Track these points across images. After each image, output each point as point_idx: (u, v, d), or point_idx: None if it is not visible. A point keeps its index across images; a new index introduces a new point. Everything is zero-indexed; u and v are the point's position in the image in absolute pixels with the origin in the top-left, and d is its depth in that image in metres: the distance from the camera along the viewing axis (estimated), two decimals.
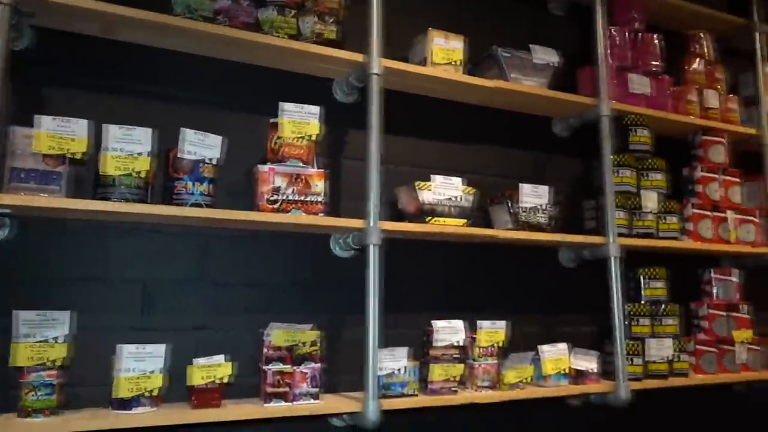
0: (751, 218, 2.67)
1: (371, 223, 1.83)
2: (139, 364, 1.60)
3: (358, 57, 1.94)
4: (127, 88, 1.84)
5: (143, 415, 1.57)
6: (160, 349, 1.63)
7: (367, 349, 1.77)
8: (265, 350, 1.77)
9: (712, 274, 2.62)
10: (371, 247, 1.81)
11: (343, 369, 1.98)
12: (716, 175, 2.63)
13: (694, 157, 2.69)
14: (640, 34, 2.57)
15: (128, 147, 1.63)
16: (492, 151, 2.40)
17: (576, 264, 2.43)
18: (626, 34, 2.51)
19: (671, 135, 2.72)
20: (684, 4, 2.71)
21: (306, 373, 1.78)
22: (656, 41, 2.59)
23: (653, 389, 2.32)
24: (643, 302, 2.40)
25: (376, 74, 1.91)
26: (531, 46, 2.29)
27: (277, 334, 1.76)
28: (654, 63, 2.56)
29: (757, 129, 2.77)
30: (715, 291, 2.61)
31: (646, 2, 2.63)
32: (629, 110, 2.44)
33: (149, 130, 1.65)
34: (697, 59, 2.72)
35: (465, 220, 2.05)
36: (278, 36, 1.89)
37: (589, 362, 2.20)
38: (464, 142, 2.35)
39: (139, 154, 1.64)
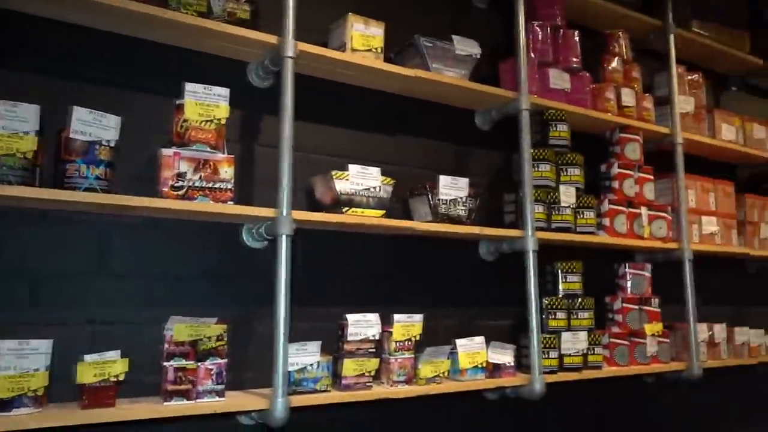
0: (663, 214, 2.75)
1: (283, 213, 1.75)
2: (21, 361, 1.47)
3: (272, 39, 1.86)
4: (17, 63, 1.69)
5: (25, 417, 1.44)
6: (45, 344, 1.50)
7: (277, 344, 1.70)
8: (165, 346, 1.66)
9: (626, 269, 2.68)
10: (282, 237, 1.74)
11: (253, 364, 1.90)
12: (632, 172, 2.69)
13: (612, 153, 2.75)
14: (561, 30, 2.59)
15: (12, 125, 1.49)
16: (413, 142, 2.36)
17: (495, 257, 2.43)
18: (548, 29, 2.53)
19: (590, 131, 2.77)
20: (603, 3, 2.76)
21: (211, 370, 1.69)
22: (576, 38, 2.62)
23: (568, 382, 2.35)
24: (560, 296, 2.43)
25: (290, 57, 1.83)
26: (453, 36, 2.26)
27: (179, 329, 1.66)
28: (574, 60, 2.59)
29: (669, 128, 2.86)
30: (628, 285, 2.67)
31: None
32: (549, 105, 2.46)
33: (35, 107, 1.52)
34: (615, 58, 2.78)
35: (382, 211, 2.00)
36: (186, 13, 1.79)
37: (504, 356, 2.20)
38: (384, 131, 2.30)
39: (25, 132, 1.50)
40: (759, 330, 3.06)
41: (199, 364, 1.67)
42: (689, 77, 3.08)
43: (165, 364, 1.65)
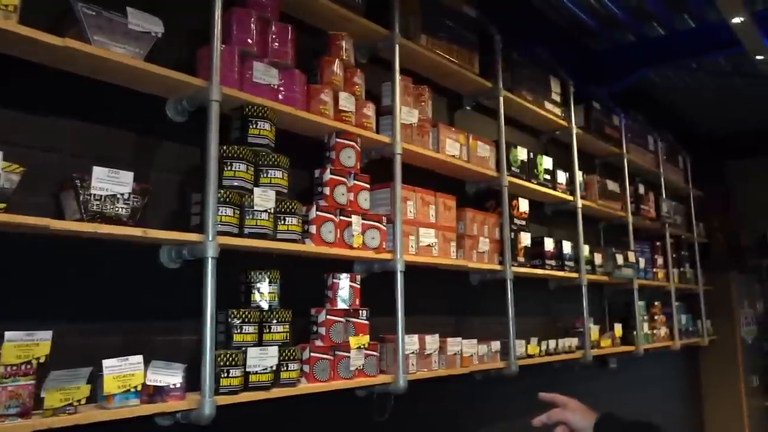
0: (376, 224, 2.69)
1: None
2: None
3: None
4: None
5: None
6: None
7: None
8: None
9: (333, 279, 2.57)
10: None
11: None
12: (344, 179, 2.60)
13: (327, 159, 2.63)
14: (273, 22, 2.42)
15: None
16: (83, 128, 2.01)
17: (178, 264, 2.16)
18: (255, 18, 2.34)
19: (307, 134, 2.64)
20: (325, 2, 2.64)
21: None
22: (290, 34, 2.47)
23: (255, 402, 2.14)
24: (251, 308, 2.23)
25: None
26: (129, 9, 1.97)
27: None
28: (285, 55, 2.43)
29: (390, 137, 2.83)
30: (337, 296, 2.56)
31: None
32: (249, 100, 2.26)
33: None
34: (337, 60, 2.68)
35: (3, 204, 1.63)
36: None
37: (170, 376, 1.93)
38: (39, 112, 1.92)
39: None
40: (471, 340, 3.15)
41: None
42: (416, 90, 3.10)
43: None
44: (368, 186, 2.72)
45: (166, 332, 2.13)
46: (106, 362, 1.79)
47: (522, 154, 3.78)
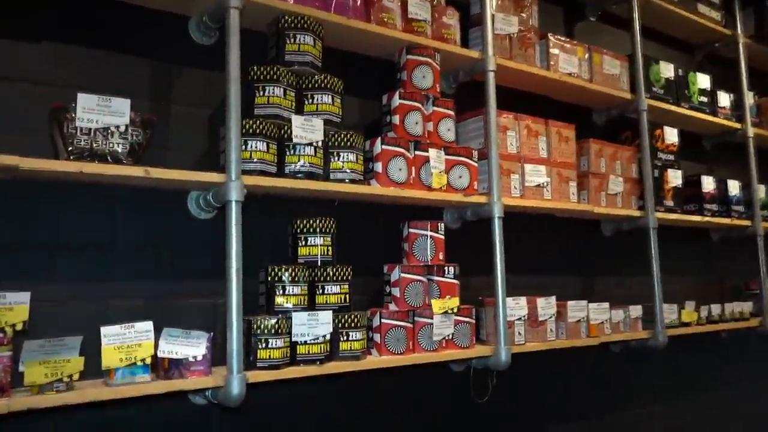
0: (465, 160, 2.15)
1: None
2: None
3: None
4: None
5: None
6: None
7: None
8: None
9: (409, 229, 2.08)
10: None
11: None
12: (419, 104, 2.08)
13: (398, 81, 2.13)
14: None
15: None
16: (86, 54, 1.69)
17: (210, 214, 1.80)
18: None
19: (371, 53, 2.17)
20: None
21: None
22: None
23: (300, 379, 1.74)
24: (299, 264, 1.82)
25: None
26: None
27: None
28: None
29: (480, 52, 2.25)
30: (414, 250, 2.07)
31: None
32: (285, 9, 1.82)
33: None
34: None
35: None
36: None
37: (190, 347, 1.57)
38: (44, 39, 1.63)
39: None
40: (602, 304, 2.50)
41: None
42: None
43: None
44: (452, 113, 2.17)
45: (196, 294, 1.78)
46: (104, 329, 1.47)
47: (667, 70, 2.98)
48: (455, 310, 2.06)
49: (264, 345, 1.67)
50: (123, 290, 1.66)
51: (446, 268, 2.08)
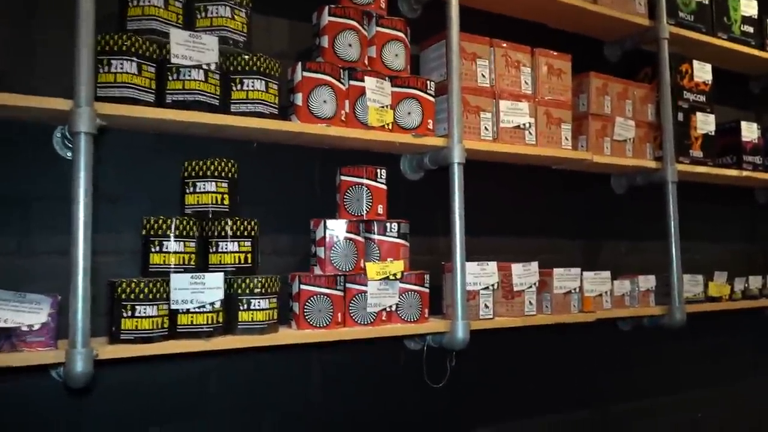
0: (414, 91, 1.75)
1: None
2: None
3: None
4: None
5: None
6: None
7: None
8: None
9: (341, 176, 1.71)
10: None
11: None
12: (354, 22, 1.69)
13: None
14: None
15: None
16: None
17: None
18: None
19: None
20: None
21: None
22: None
23: (188, 355, 1.42)
24: (185, 215, 1.48)
25: None
26: None
27: None
28: None
29: None
30: (346, 202, 1.70)
31: None
32: None
33: None
34: None
35: None
36: None
37: (28, 314, 1.27)
38: None
39: None
40: (601, 273, 2.06)
41: None
42: None
43: None
44: (402, 35, 1.77)
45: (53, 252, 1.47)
46: None
47: None
48: (398, 276, 1.68)
49: (129, 313, 1.35)
50: None
51: (388, 224, 1.70)
